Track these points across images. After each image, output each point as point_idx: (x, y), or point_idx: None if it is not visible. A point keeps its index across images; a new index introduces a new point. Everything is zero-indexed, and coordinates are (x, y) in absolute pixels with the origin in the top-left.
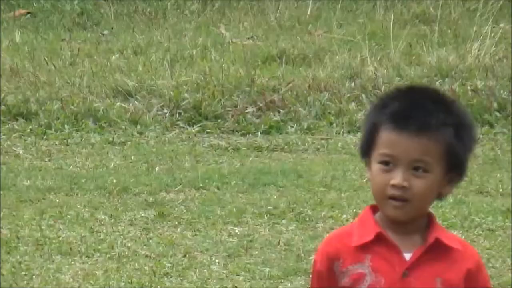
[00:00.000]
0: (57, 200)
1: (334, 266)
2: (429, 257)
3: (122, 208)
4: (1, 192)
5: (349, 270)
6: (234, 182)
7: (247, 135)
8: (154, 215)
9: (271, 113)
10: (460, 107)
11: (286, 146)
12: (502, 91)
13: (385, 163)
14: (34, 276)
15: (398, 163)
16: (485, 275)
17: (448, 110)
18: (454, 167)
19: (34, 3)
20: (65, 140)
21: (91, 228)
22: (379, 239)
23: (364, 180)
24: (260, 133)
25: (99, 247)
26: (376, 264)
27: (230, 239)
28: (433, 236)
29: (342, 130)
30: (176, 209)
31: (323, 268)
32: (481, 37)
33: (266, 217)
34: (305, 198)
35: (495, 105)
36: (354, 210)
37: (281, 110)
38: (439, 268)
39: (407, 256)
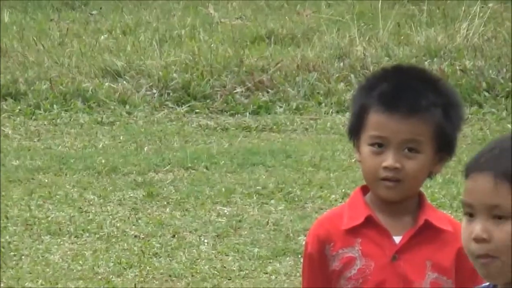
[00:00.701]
0: (46, 180)
1: (325, 250)
2: (419, 240)
3: (111, 188)
4: None
5: (339, 254)
6: (223, 162)
7: (236, 115)
8: (143, 195)
9: (260, 93)
10: (447, 86)
11: (274, 126)
12: (490, 71)
13: (376, 145)
14: (23, 256)
15: (389, 144)
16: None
17: (436, 90)
18: (444, 146)
19: None
20: (54, 120)
21: (80, 208)
22: (369, 222)
23: (353, 160)
24: (249, 113)
25: (88, 227)
26: (366, 248)
27: (219, 219)
28: (422, 218)
29: (330, 110)
30: (165, 189)
31: (314, 251)
32: (470, 16)
33: (255, 197)
34: (294, 178)
35: (484, 85)
36: (343, 190)
37: (269, 90)
38: (429, 250)
39: (397, 239)
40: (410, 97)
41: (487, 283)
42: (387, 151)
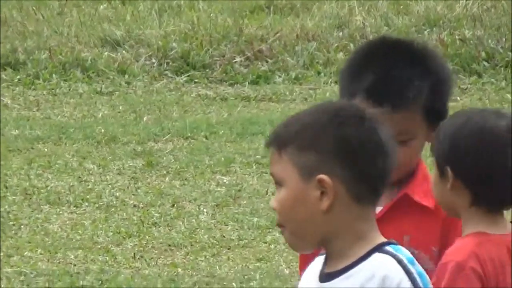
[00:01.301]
0: (45, 150)
1: None
2: (398, 214)
3: (110, 157)
4: None
5: None
6: (222, 131)
7: (235, 85)
8: (142, 165)
9: (259, 63)
10: (436, 61)
11: (274, 96)
12: (490, 41)
13: None
14: (22, 226)
15: None
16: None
17: (425, 70)
18: (435, 119)
19: None
20: (53, 90)
21: (79, 177)
22: None
23: None
24: (248, 83)
25: (88, 196)
26: None
27: (219, 189)
28: (403, 192)
29: (330, 80)
30: (164, 158)
31: None
32: None
33: (254, 167)
34: None
35: (483, 54)
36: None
37: (269, 60)
38: (408, 225)
39: (379, 210)
40: (396, 90)
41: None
42: None
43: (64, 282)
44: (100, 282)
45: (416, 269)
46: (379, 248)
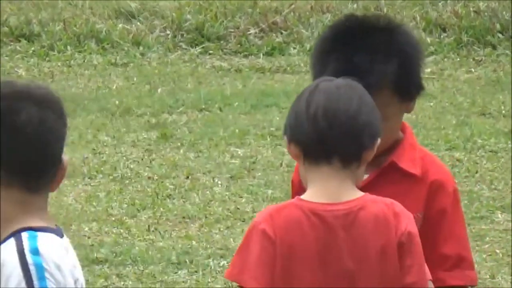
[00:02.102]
0: None
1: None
2: (385, 181)
3: (124, 129)
4: None
5: None
6: (237, 103)
7: (250, 57)
8: (157, 136)
9: (274, 35)
10: (402, 35)
11: (288, 68)
12: (504, 13)
13: None
14: None
15: None
16: (445, 198)
17: (387, 51)
18: (407, 92)
19: None
20: (67, 62)
21: (94, 149)
22: None
23: None
24: (263, 54)
25: (102, 168)
26: None
27: (233, 161)
28: (390, 159)
29: None
30: (178, 130)
31: (295, 178)
32: None
33: (268, 139)
34: None
35: (497, 26)
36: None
37: (283, 32)
38: (394, 192)
39: (365, 177)
40: (359, 78)
41: None
42: None
43: (78, 254)
44: (114, 254)
45: (37, 260)
46: (16, 233)
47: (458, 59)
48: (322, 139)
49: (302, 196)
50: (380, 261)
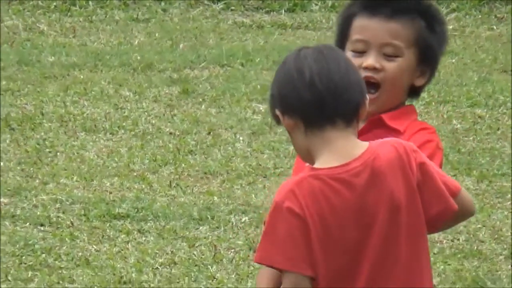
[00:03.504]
0: (81, 77)
1: None
2: (370, 135)
3: (146, 84)
4: (26, 68)
5: None
6: (259, 59)
7: (271, 13)
8: (178, 92)
9: None
10: (433, 4)
11: (310, 24)
12: None
13: (358, 52)
14: (58, 153)
15: (369, 47)
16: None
17: (421, 2)
18: (426, 58)
19: None
20: (89, 17)
21: (116, 104)
22: None
23: None
24: (284, 10)
25: (123, 124)
26: None
27: (255, 117)
28: (378, 116)
29: None
30: (200, 86)
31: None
32: None
33: None
34: None
35: None
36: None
37: None
38: None
39: None
40: (393, 2)
41: None
42: (368, 54)
43: (99, 209)
44: (136, 210)
45: None
46: None
47: (480, 16)
48: (323, 103)
49: (315, 166)
50: (412, 202)
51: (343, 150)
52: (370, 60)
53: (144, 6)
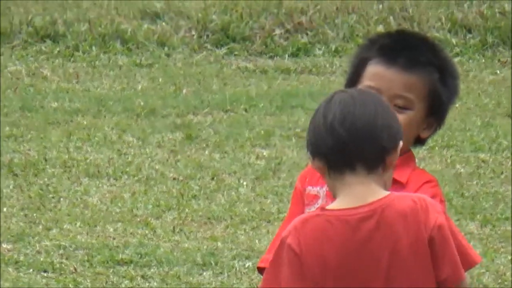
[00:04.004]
0: (85, 122)
1: (305, 187)
2: None
3: (150, 130)
4: (29, 114)
5: (309, 191)
6: (262, 104)
7: (275, 57)
8: (182, 137)
9: (299, 35)
10: (448, 55)
11: (313, 69)
12: None
13: None
14: (61, 198)
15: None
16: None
17: (437, 53)
18: (435, 111)
19: None
20: (92, 62)
21: (119, 150)
22: None
23: None
24: (288, 55)
25: (127, 169)
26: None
27: (258, 162)
28: None
29: None
30: (204, 131)
31: (298, 186)
32: None
33: (293, 140)
34: None
35: None
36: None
37: (309, 32)
38: None
39: None
40: (410, 52)
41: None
42: None
43: (103, 255)
44: (139, 255)
45: None
46: None
47: (483, 60)
48: (343, 148)
49: (327, 206)
50: (412, 259)
51: (358, 195)
52: None
53: (147, 51)
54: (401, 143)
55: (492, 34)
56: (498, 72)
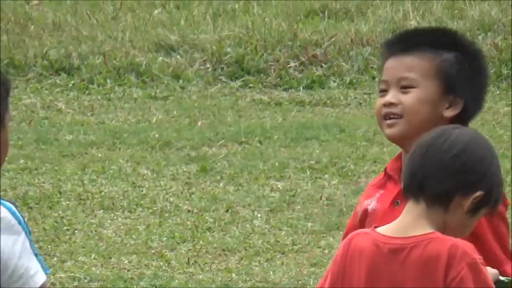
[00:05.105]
0: (99, 155)
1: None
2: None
3: (164, 162)
4: (43, 147)
5: (363, 204)
6: (277, 136)
7: (290, 90)
8: (197, 170)
9: (314, 68)
10: (465, 38)
11: (328, 101)
12: None
13: (382, 92)
14: (76, 231)
15: (390, 86)
16: None
17: (451, 36)
18: (452, 89)
19: None
20: (107, 95)
21: (134, 182)
22: (390, 177)
23: None
24: (303, 87)
25: (141, 201)
26: (382, 197)
27: (273, 194)
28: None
29: None
30: (218, 163)
31: (357, 205)
32: None
33: (308, 172)
34: (348, 153)
35: None
36: None
37: (323, 65)
38: None
39: None
40: (407, 38)
41: None
42: (388, 92)
43: (118, 287)
44: (154, 287)
45: None
46: None
47: (498, 92)
48: (413, 175)
49: (378, 228)
50: None
51: (404, 225)
52: (387, 97)
53: (162, 83)
54: (478, 192)
55: (506, 66)
56: None
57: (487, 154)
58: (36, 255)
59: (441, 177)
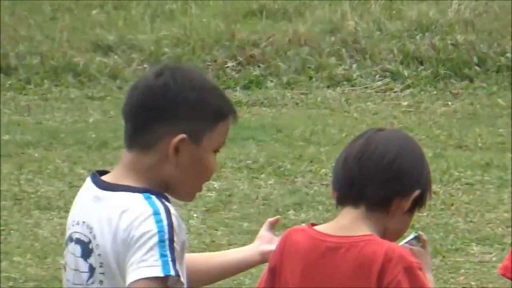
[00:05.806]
0: (36, 155)
1: None
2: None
3: (101, 162)
4: None
5: None
6: None
7: (227, 90)
8: None
9: (251, 68)
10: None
11: (265, 101)
12: (482, 46)
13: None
14: (12, 231)
15: None
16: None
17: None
18: None
19: None
20: (44, 95)
21: (70, 182)
22: None
23: (343, 135)
24: (240, 87)
25: None
26: None
27: (209, 194)
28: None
29: (321, 85)
30: None
31: None
32: None
33: (245, 172)
34: (284, 153)
35: (475, 59)
36: (333, 165)
37: (261, 65)
38: None
39: None
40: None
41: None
42: None
43: (53, 287)
44: None
45: None
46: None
47: (435, 92)
48: (351, 184)
49: (316, 226)
50: None
51: (343, 225)
52: None
53: (99, 84)
54: (417, 192)
55: (444, 66)
56: (449, 103)
57: (418, 152)
58: None
59: (379, 185)
